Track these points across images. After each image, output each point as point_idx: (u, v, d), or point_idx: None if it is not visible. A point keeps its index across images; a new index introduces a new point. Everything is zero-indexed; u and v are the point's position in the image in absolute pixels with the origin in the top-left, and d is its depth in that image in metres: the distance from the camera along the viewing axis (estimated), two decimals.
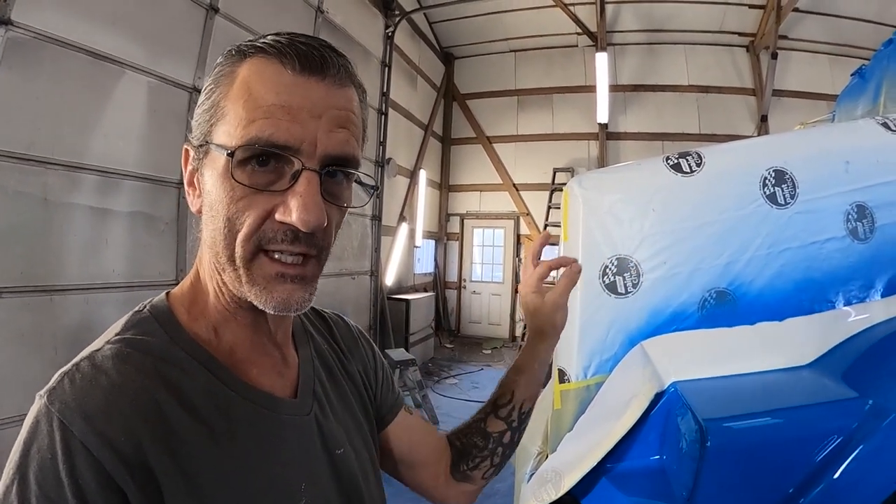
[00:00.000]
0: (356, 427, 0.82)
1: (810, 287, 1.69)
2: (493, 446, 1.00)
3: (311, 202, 0.58)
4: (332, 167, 0.61)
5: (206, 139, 0.62)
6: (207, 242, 0.64)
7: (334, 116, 0.61)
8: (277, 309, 0.62)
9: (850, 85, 3.47)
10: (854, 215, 1.72)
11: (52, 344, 2.97)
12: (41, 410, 0.54)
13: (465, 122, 10.24)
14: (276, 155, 0.58)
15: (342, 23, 6.10)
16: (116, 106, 3.39)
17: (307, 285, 0.63)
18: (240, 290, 0.62)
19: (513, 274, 9.87)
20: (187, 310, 0.68)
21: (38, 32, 2.86)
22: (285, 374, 0.73)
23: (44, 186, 2.95)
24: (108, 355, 0.59)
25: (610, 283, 1.67)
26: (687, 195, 1.71)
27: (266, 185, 0.59)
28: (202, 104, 0.64)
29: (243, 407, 0.65)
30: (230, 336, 0.68)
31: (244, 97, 0.59)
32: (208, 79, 0.64)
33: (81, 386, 0.55)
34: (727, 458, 1.25)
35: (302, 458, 0.69)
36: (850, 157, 1.75)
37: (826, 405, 1.34)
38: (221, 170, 0.60)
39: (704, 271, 1.66)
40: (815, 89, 8.06)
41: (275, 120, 0.58)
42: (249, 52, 0.62)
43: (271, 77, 0.59)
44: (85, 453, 0.51)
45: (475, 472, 1.01)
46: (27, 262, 2.88)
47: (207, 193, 0.62)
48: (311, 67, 0.60)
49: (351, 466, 0.75)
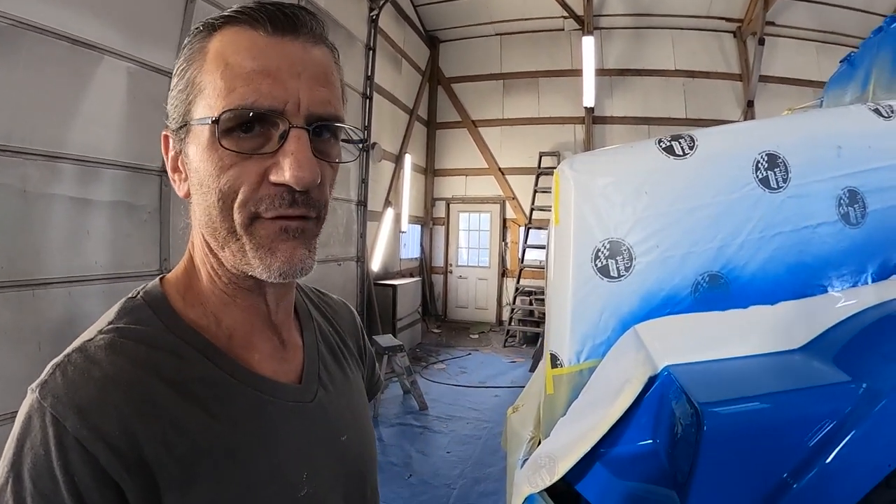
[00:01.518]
0: (359, 411, 0.81)
1: (802, 271, 1.69)
2: None
3: (304, 158, 0.57)
4: (318, 123, 0.60)
5: (185, 119, 0.60)
6: (202, 222, 0.62)
7: (314, 74, 0.60)
8: (282, 271, 0.60)
9: (839, 72, 3.48)
10: (846, 200, 1.73)
11: (34, 339, 2.91)
12: (33, 405, 0.53)
13: (450, 106, 10.18)
14: (261, 119, 0.57)
15: (325, 6, 6.00)
16: (96, 93, 3.30)
17: (308, 241, 0.62)
18: (243, 261, 0.60)
19: (499, 258, 9.87)
20: (182, 295, 0.66)
21: (15, 19, 2.77)
22: (289, 359, 0.72)
23: (22, 177, 2.88)
24: (101, 346, 0.57)
25: (602, 267, 1.66)
26: (679, 178, 1.70)
27: (254, 150, 0.58)
28: (176, 86, 0.62)
29: (244, 394, 0.63)
30: (229, 321, 0.66)
31: (220, 68, 0.58)
32: (178, 60, 0.63)
33: (74, 379, 0.54)
34: (723, 442, 1.25)
35: (305, 446, 0.67)
36: (843, 143, 1.76)
37: (820, 388, 1.35)
38: (207, 142, 0.58)
39: (697, 255, 1.66)
40: (802, 76, 8.11)
41: (255, 85, 0.56)
42: (218, 23, 0.60)
43: (244, 43, 0.58)
44: (79, 449, 0.50)
45: None
46: (7, 255, 2.81)
47: (195, 171, 0.61)
48: (283, 27, 0.59)
49: (354, 453, 0.75)
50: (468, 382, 6.36)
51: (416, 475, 4.00)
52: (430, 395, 5.74)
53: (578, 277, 1.67)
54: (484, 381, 6.40)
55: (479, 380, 6.45)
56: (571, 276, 1.68)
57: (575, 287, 1.66)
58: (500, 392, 5.97)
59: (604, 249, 1.66)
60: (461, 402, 5.66)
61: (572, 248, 1.68)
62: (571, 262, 1.68)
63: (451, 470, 4.06)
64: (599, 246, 1.67)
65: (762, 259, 1.67)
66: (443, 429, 4.92)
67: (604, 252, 1.66)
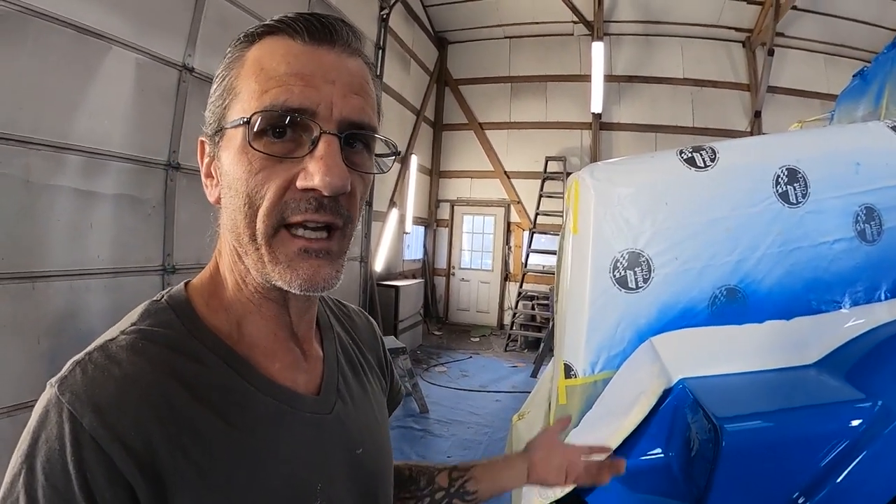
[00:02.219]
0: (376, 423, 0.80)
1: (818, 287, 1.69)
2: (426, 493, 1.00)
3: (333, 163, 0.57)
4: (350, 131, 0.60)
5: (220, 124, 0.61)
6: (228, 226, 0.62)
7: (348, 82, 0.60)
8: (304, 287, 0.59)
9: (851, 86, 3.48)
10: (863, 217, 1.73)
11: (35, 333, 2.88)
12: (51, 400, 0.53)
13: (457, 108, 10.16)
14: (293, 123, 0.57)
15: (337, 4, 6.00)
16: (102, 83, 3.25)
17: (333, 261, 0.61)
18: (263, 271, 0.60)
19: (502, 262, 9.86)
20: (206, 302, 0.66)
21: (21, 5, 2.72)
22: (309, 370, 0.72)
23: (26, 167, 2.83)
24: (123, 346, 0.57)
25: (620, 278, 1.64)
26: (700, 190, 1.69)
27: (285, 154, 0.58)
28: (214, 92, 0.63)
29: (263, 403, 0.63)
30: (252, 329, 0.66)
31: (255, 72, 0.59)
32: (219, 69, 0.64)
33: (93, 377, 0.54)
34: (741, 458, 1.25)
35: (321, 458, 0.67)
36: (861, 159, 1.76)
37: (835, 406, 1.35)
38: (239, 144, 0.58)
39: (716, 268, 1.65)
40: (810, 87, 8.11)
41: (288, 87, 0.57)
42: (258, 33, 0.61)
43: (281, 50, 0.59)
44: (94, 447, 0.50)
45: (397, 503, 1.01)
46: (8, 247, 2.76)
47: (225, 174, 0.61)
48: (320, 36, 0.60)
49: (369, 466, 0.74)
50: (469, 386, 6.34)
51: None
52: (430, 398, 5.71)
53: (596, 287, 1.66)
54: (485, 385, 6.38)
55: (480, 384, 6.43)
56: (589, 286, 1.67)
57: (592, 297, 1.65)
58: (501, 397, 5.95)
59: (622, 260, 1.65)
60: (462, 406, 5.63)
61: (591, 257, 1.67)
62: (589, 272, 1.67)
63: None
64: (618, 256, 1.65)
65: (779, 274, 1.67)
66: (444, 433, 4.89)
67: (622, 263, 1.65)
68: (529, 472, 1.06)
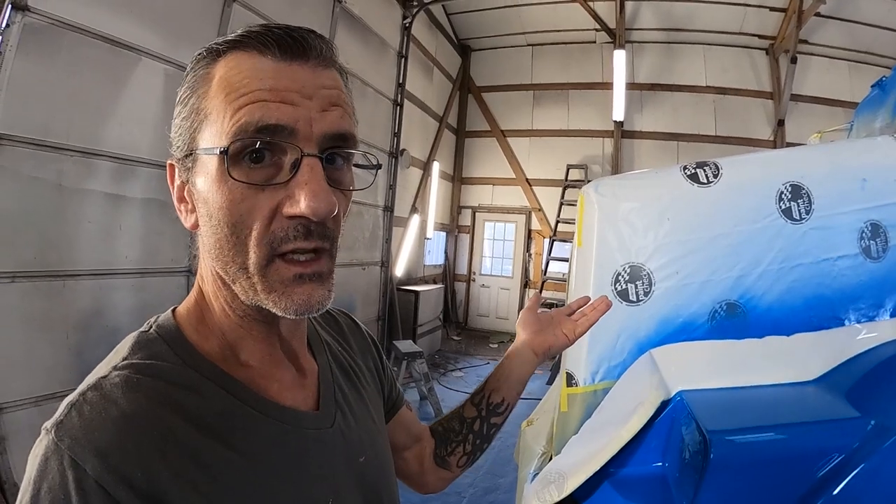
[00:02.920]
0: (375, 429, 0.81)
1: (820, 304, 1.69)
2: (465, 431, 1.04)
3: (319, 188, 0.55)
4: (332, 149, 0.59)
5: (190, 148, 0.59)
6: (212, 254, 0.60)
7: (325, 96, 0.58)
8: (299, 312, 0.58)
9: (870, 96, 3.42)
10: (868, 233, 1.72)
11: (63, 328, 3.02)
12: (49, 447, 0.50)
13: (479, 115, 10.22)
14: (271, 147, 0.55)
15: (360, 13, 6.10)
16: (132, 93, 3.43)
17: (325, 282, 0.60)
18: (254, 298, 0.59)
19: (522, 269, 9.86)
20: (196, 328, 0.64)
21: (56, 19, 2.89)
22: (305, 386, 0.71)
23: (59, 172, 3.00)
24: (117, 383, 0.55)
25: (622, 291, 1.68)
26: (703, 206, 1.71)
27: (266, 181, 0.56)
28: (179, 114, 0.61)
29: (266, 425, 0.62)
30: (245, 352, 0.65)
31: (225, 92, 0.56)
32: (180, 88, 0.61)
33: (91, 418, 0.52)
34: (729, 471, 1.26)
35: (328, 472, 0.67)
36: (867, 175, 1.75)
37: (828, 423, 1.34)
38: (215, 173, 0.56)
39: (716, 283, 1.67)
40: (834, 96, 7.99)
41: (263, 103, 0.55)
42: (223, 48, 0.59)
43: (251, 67, 0.56)
44: (100, 493, 0.48)
45: (451, 457, 1.05)
46: (41, 247, 2.93)
47: (203, 203, 0.59)
48: (292, 52, 0.57)
49: (373, 472, 0.75)
50: None
51: None
52: (446, 402, 5.75)
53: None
54: None
55: None
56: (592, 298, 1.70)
57: None
58: None
59: (624, 273, 1.68)
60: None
61: (593, 270, 1.71)
62: (592, 284, 1.70)
63: (461, 479, 4.02)
64: (620, 270, 1.68)
65: (780, 290, 1.68)
66: None
67: (624, 276, 1.68)
68: (534, 350, 1.08)
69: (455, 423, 1.04)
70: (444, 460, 1.05)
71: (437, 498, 3.72)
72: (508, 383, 1.06)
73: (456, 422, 1.04)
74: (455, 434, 1.04)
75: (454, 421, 1.05)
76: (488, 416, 1.04)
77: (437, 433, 1.05)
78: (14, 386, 2.76)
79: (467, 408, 1.05)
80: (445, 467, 1.05)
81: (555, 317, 1.13)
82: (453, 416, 1.06)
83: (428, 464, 1.05)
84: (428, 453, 1.05)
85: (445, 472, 1.06)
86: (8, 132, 2.74)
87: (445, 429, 1.05)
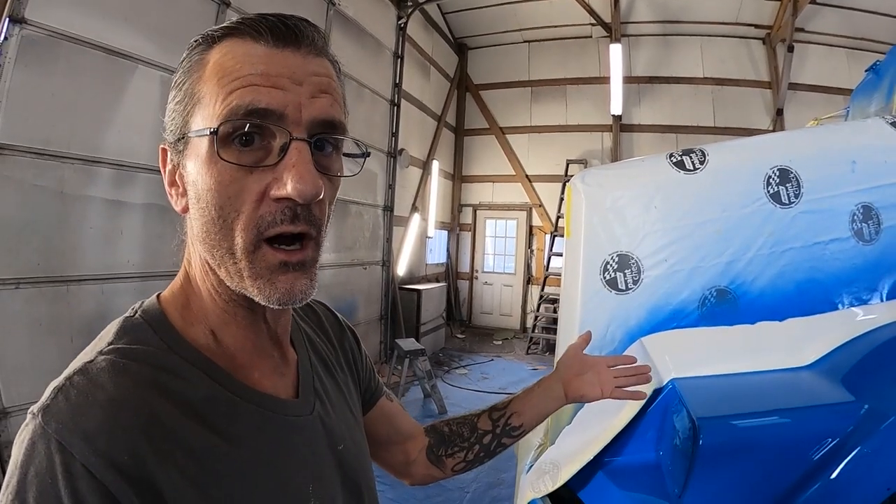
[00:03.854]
0: (353, 418, 0.82)
1: (812, 288, 1.69)
2: (473, 441, 1.04)
3: (305, 171, 0.56)
4: (320, 135, 0.59)
5: (183, 132, 0.59)
6: (199, 238, 0.60)
7: (316, 82, 0.59)
8: (282, 301, 0.59)
9: (864, 81, 3.42)
10: (860, 216, 1.71)
11: (68, 332, 3.05)
12: (36, 431, 0.50)
13: (478, 113, 10.20)
14: (260, 130, 0.56)
15: (354, 14, 6.11)
16: (130, 100, 3.45)
17: (308, 271, 0.60)
18: (240, 284, 0.59)
19: (524, 265, 9.86)
20: (181, 314, 0.64)
21: (53, 30, 2.92)
22: (286, 374, 0.72)
23: (60, 180, 3.03)
24: (103, 367, 0.55)
25: (611, 279, 1.68)
26: (689, 193, 1.72)
27: (254, 163, 0.56)
28: (174, 98, 0.61)
29: (248, 411, 0.63)
30: (229, 339, 0.65)
31: (218, 75, 0.57)
32: (176, 73, 0.62)
33: (77, 402, 0.52)
34: (719, 456, 1.26)
35: (309, 458, 0.68)
36: (857, 157, 1.75)
37: (821, 408, 1.34)
38: (205, 155, 0.57)
39: (705, 269, 1.67)
40: (832, 83, 7.94)
41: (254, 87, 0.55)
42: (218, 35, 0.60)
43: (245, 53, 0.57)
44: (87, 476, 0.48)
45: (448, 459, 1.04)
46: (44, 253, 2.97)
47: (192, 185, 0.59)
48: (284, 39, 0.58)
49: (352, 460, 0.76)
50: (489, 388, 6.37)
51: None
52: (450, 399, 5.76)
53: (587, 289, 1.70)
54: (505, 387, 6.40)
55: (499, 385, 6.45)
56: (581, 288, 1.71)
57: (584, 298, 1.69)
58: None
59: (613, 262, 1.69)
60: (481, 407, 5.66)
61: (582, 260, 1.72)
62: (581, 274, 1.72)
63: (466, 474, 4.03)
64: (608, 259, 1.69)
65: (771, 275, 1.68)
66: None
67: (612, 265, 1.69)
68: (566, 391, 1.08)
69: (465, 430, 1.04)
70: (439, 459, 1.04)
71: (440, 493, 3.75)
72: (532, 412, 1.06)
73: (466, 429, 1.04)
74: (461, 440, 1.04)
75: (464, 427, 1.04)
76: (501, 436, 1.04)
77: (440, 433, 1.05)
78: (21, 390, 2.79)
79: (483, 420, 1.05)
80: (439, 466, 1.05)
81: (596, 364, 1.11)
82: (465, 422, 1.05)
83: (418, 458, 1.04)
84: (419, 448, 1.04)
85: (436, 471, 1.06)
86: (9, 142, 2.77)
87: (452, 432, 1.05)
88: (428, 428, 1.08)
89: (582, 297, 1.69)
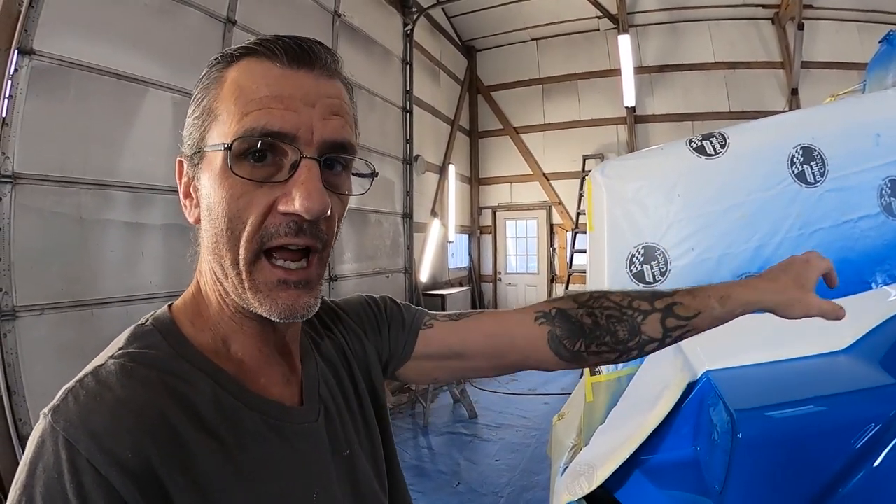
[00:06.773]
0: (362, 422, 0.81)
1: (845, 268, 1.63)
2: (633, 345, 0.87)
3: (314, 188, 0.58)
4: (330, 154, 0.61)
5: (199, 146, 0.62)
6: (209, 248, 0.63)
7: (328, 104, 0.61)
8: (283, 316, 0.61)
9: (879, 52, 3.32)
10: (888, 190, 1.66)
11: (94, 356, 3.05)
12: (46, 429, 0.53)
13: (491, 115, 10.17)
14: (273, 148, 0.58)
15: (360, 24, 6.13)
16: (143, 123, 3.49)
17: (312, 289, 0.63)
18: (243, 296, 0.62)
19: (547, 264, 9.78)
20: (191, 321, 0.67)
21: (62, 59, 2.97)
22: (292, 381, 0.73)
23: (78, 206, 3.07)
24: (112, 370, 0.58)
25: (637, 273, 1.64)
26: (712, 178, 1.67)
27: (265, 178, 0.59)
28: (192, 113, 0.64)
29: (252, 418, 0.64)
30: (238, 347, 0.67)
31: (235, 94, 0.59)
32: (196, 90, 0.64)
33: (86, 403, 0.54)
34: (759, 449, 1.22)
35: (313, 466, 0.68)
36: (881, 130, 1.69)
37: (862, 392, 1.29)
38: (219, 168, 0.59)
39: (734, 256, 1.63)
40: (846, 59, 7.71)
41: (268, 110, 0.58)
42: (236, 55, 0.62)
43: (261, 72, 0.60)
44: (92, 472, 0.50)
45: (593, 357, 0.89)
46: (67, 278, 3.01)
47: (205, 197, 0.62)
48: (299, 60, 0.61)
49: (357, 466, 0.75)
50: (518, 390, 6.33)
51: (463, 483, 4.01)
52: (479, 403, 5.74)
53: (613, 284, 1.66)
54: (534, 388, 6.36)
55: (528, 387, 6.41)
56: (606, 283, 1.67)
57: None
58: (549, 399, 5.92)
59: (638, 255, 1.65)
60: (511, 410, 5.64)
61: (606, 254, 1.68)
62: (606, 269, 1.68)
63: (498, 478, 4.05)
64: (634, 251, 1.65)
65: None
66: (492, 437, 4.91)
67: (638, 258, 1.64)
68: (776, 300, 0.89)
69: (621, 330, 0.86)
70: (578, 355, 0.88)
71: (473, 499, 3.73)
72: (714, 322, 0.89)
73: (623, 329, 0.86)
74: (614, 341, 0.86)
75: (621, 327, 0.86)
76: (663, 346, 0.88)
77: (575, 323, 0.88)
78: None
79: (651, 325, 0.86)
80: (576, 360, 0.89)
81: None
82: (618, 315, 0.87)
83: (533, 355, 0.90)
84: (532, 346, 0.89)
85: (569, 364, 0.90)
86: (27, 171, 2.81)
87: (598, 325, 0.87)
88: (549, 312, 0.90)
89: None
